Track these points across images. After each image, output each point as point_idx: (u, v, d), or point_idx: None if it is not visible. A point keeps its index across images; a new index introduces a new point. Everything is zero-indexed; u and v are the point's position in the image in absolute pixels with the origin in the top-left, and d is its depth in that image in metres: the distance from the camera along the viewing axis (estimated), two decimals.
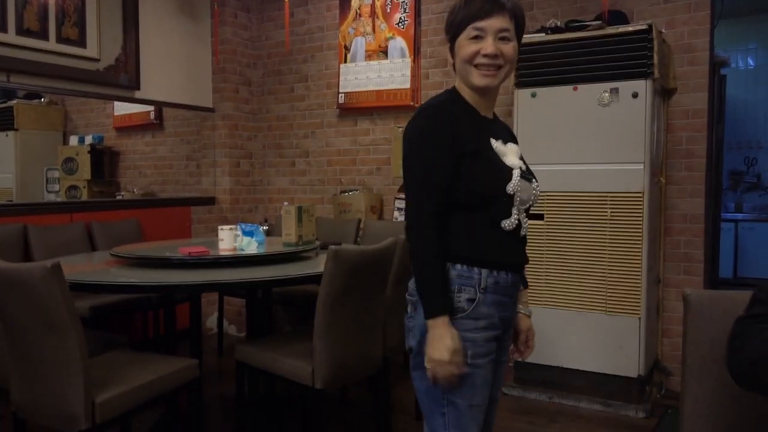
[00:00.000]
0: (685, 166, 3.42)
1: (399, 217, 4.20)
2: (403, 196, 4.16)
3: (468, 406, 1.53)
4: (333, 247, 2.26)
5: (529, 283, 1.74)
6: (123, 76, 4.05)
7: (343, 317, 2.35)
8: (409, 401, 3.16)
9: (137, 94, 4.19)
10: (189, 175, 5.10)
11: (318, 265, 2.61)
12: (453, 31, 1.55)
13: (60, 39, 3.69)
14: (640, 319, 3.08)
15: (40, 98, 5.63)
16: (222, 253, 2.74)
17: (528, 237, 1.65)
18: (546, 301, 3.29)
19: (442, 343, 1.44)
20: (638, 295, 3.08)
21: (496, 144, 1.55)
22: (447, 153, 1.48)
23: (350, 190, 4.40)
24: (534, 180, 1.62)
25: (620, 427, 3.00)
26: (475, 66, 1.52)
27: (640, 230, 3.06)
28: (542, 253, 3.28)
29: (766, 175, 6.45)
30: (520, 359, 1.76)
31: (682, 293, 1.18)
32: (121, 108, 5.45)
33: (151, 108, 5.17)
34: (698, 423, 1.12)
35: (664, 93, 3.34)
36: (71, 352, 1.93)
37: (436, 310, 1.45)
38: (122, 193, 5.27)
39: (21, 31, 3.49)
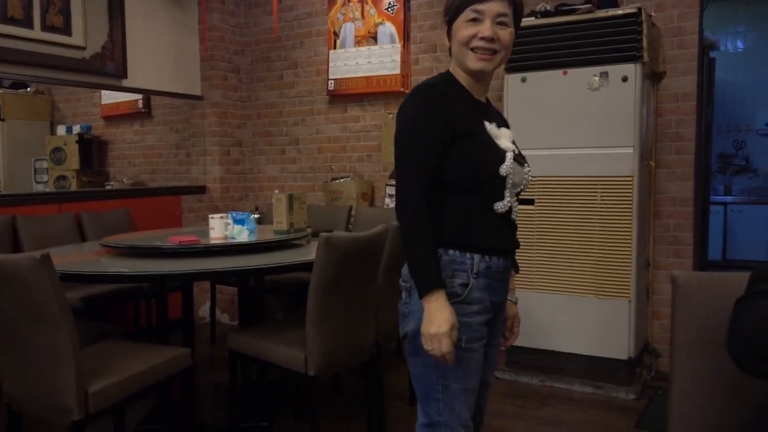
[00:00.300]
0: (675, 149, 3.43)
1: (390, 203, 4.20)
2: (394, 182, 4.15)
3: (461, 389, 1.54)
4: (324, 234, 2.26)
5: (520, 268, 1.75)
6: (110, 64, 4.01)
7: (335, 304, 2.36)
8: (403, 387, 3.18)
9: (125, 83, 4.15)
10: (179, 164, 5.08)
11: (309, 252, 2.61)
12: (451, 13, 1.55)
13: (45, 27, 3.64)
14: (630, 302, 3.11)
15: (26, 87, 5.57)
16: (213, 241, 2.73)
17: (519, 222, 1.66)
18: (537, 285, 3.31)
19: (441, 315, 1.43)
20: (628, 278, 3.10)
21: (490, 127, 1.56)
22: (438, 133, 1.48)
23: (341, 177, 4.39)
24: (526, 164, 1.63)
25: (611, 408, 3.04)
26: (472, 49, 1.52)
27: (630, 214, 3.08)
28: (533, 238, 3.29)
29: (754, 158, 6.49)
30: (504, 347, 1.77)
31: (671, 275, 1.19)
32: (109, 97, 5.40)
33: (138, 96, 5.12)
34: (686, 403, 1.13)
35: (653, 76, 3.34)
36: (63, 343, 1.92)
37: (432, 285, 1.45)
38: (111, 183, 5.24)
39: (5, 19, 3.44)
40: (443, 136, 1.48)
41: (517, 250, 1.66)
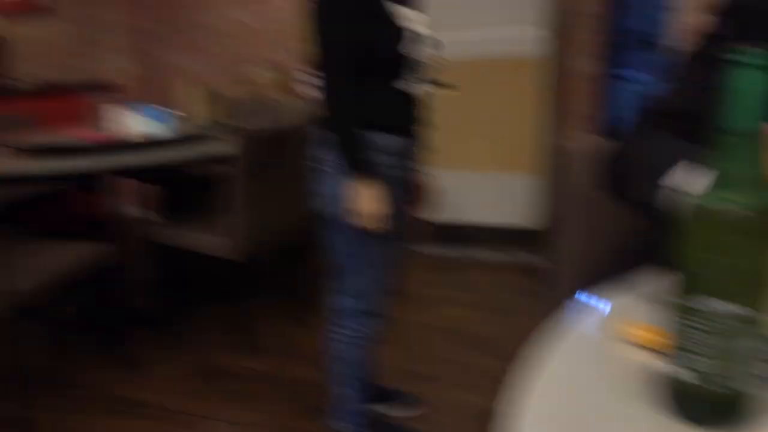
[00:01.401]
0: (581, 26, 3.53)
1: (308, 92, 4.19)
2: (310, 70, 4.13)
3: (378, 259, 1.70)
4: (245, 126, 2.29)
5: (432, 147, 1.87)
6: None
7: (259, 192, 2.44)
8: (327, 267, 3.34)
9: None
10: (89, 61, 4.83)
11: (230, 145, 2.64)
12: None
13: None
14: (534, 175, 3.32)
15: None
16: (131, 137, 2.70)
17: (428, 102, 1.75)
18: (452, 163, 3.46)
19: (374, 192, 1.57)
20: (534, 152, 3.30)
21: (394, 7, 1.60)
22: (351, 15, 1.53)
23: (259, 70, 4.32)
24: (431, 44, 1.69)
25: (524, 273, 3.32)
26: None
27: (536, 91, 3.22)
28: (444, 118, 3.39)
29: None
30: (416, 214, 1.94)
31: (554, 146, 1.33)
32: None
33: None
34: (567, 247, 1.33)
35: None
36: None
37: (364, 166, 1.57)
38: (14, 82, 4.94)
39: None
40: (353, 16, 1.53)
41: (430, 130, 1.77)
